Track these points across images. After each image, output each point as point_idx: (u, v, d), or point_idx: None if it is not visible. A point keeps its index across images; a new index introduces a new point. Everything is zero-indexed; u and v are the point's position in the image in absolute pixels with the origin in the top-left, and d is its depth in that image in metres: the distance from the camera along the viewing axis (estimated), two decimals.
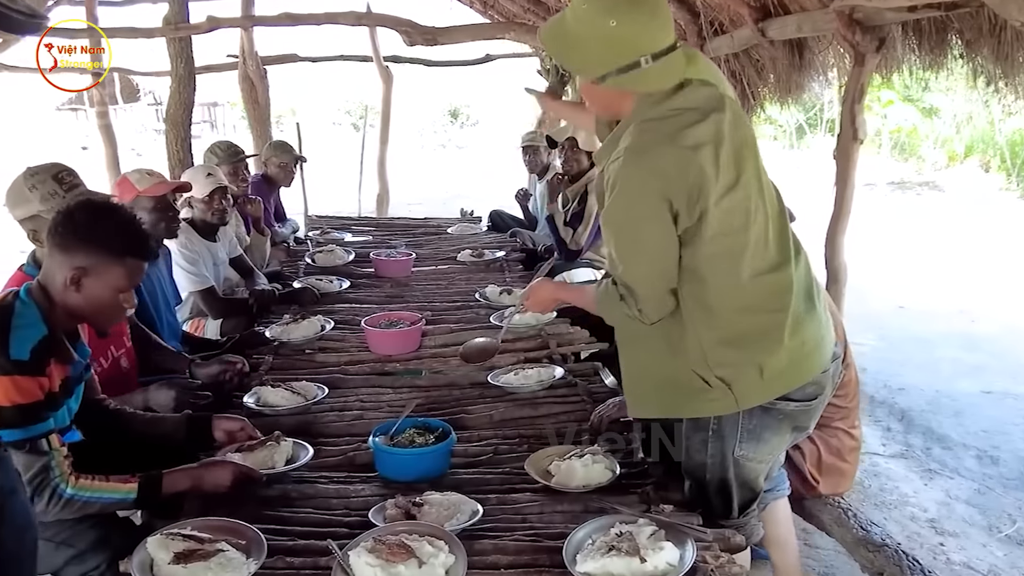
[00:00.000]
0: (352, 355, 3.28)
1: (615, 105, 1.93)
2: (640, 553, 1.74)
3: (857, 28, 3.25)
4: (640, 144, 1.83)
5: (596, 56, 1.82)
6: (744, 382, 1.95)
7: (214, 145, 4.61)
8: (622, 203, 1.86)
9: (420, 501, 2.03)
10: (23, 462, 1.87)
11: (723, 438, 2.03)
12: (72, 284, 1.98)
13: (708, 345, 1.94)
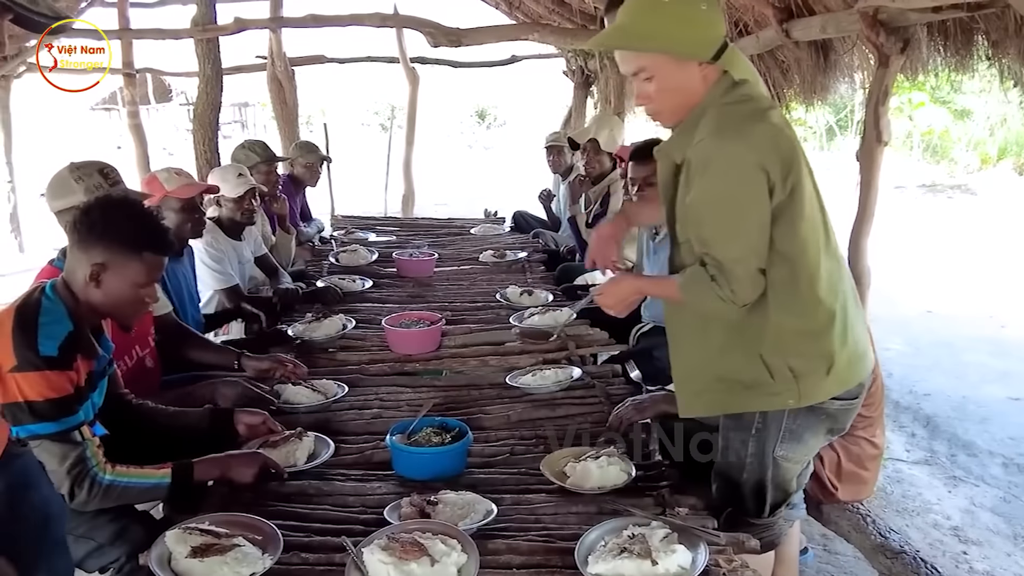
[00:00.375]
0: (373, 354, 3.31)
1: (694, 94, 1.93)
2: (652, 556, 1.74)
3: (881, 29, 3.22)
4: (728, 122, 1.87)
5: (704, 37, 1.88)
6: (812, 377, 1.97)
7: (250, 143, 4.65)
8: (718, 179, 1.86)
9: (435, 500, 2.04)
10: (59, 454, 1.90)
11: (765, 438, 2.04)
12: (92, 280, 2.01)
13: (788, 333, 1.95)
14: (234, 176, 3.78)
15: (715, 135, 1.85)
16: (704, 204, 1.90)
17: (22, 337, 1.88)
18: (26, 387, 1.87)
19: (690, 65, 1.89)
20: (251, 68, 8.75)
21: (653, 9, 1.88)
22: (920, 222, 10.51)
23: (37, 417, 1.88)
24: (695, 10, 1.87)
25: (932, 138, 15.49)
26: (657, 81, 1.92)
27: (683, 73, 1.90)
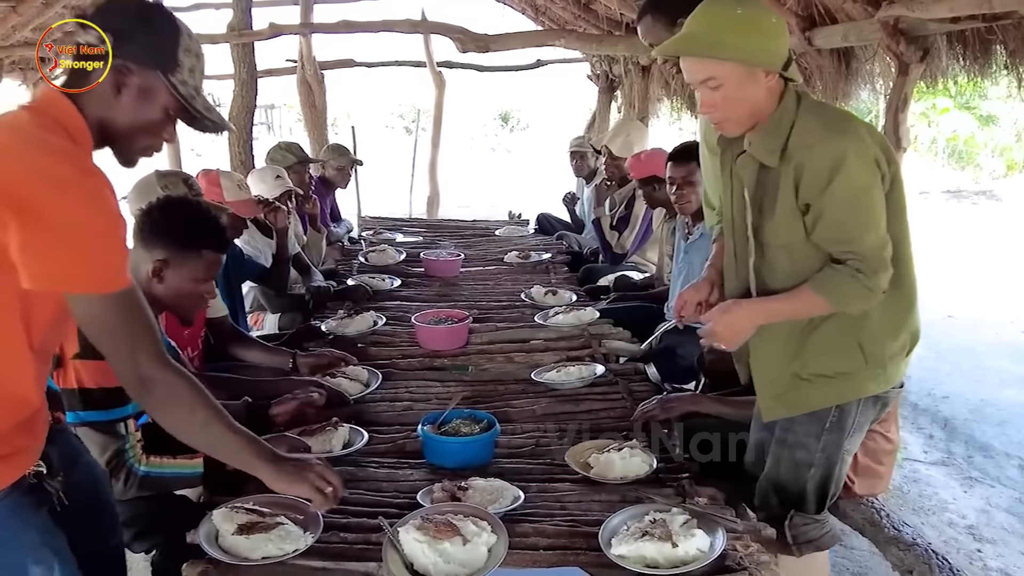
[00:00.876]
0: (402, 349, 3.42)
1: (758, 104, 1.97)
2: (672, 539, 1.83)
3: (902, 38, 3.30)
4: (835, 122, 1.96)
5: (776, 48, 1.93)
6: (898, 358, 2.06)
7: (284, 144, 4.79)
8: (854, 175, 1.88)
9: (465, 486, 2.15)
10: (100, 443, 2.02)
11: (840, 430, 2.08)
12: (155, 276, 2.16)
13: (891, 316, 2.03)
14: (272, 178, 3.91)
15: (835, 134, 1.90)
16: (844, 202, 1.90)
17: None
18: (85, 374, 2.00)
19: (758, 75, 1.93)
20: (281, 71, 8.91)
21: (726, 18, 1.92)
22: (944, 228, 10.49)
23: (89, 405, 2.00)
24: (767, 21, 1.93)
25: (957, 144, 15.42)
26: (725, 89, 1.94)
27: (751, 82, 1.93)
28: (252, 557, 1.83)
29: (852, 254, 1.92)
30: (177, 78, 1.61)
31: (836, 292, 1.95)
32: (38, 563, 1.57)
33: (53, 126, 1.50)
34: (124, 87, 1.58)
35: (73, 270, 1.44)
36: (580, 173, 5.91)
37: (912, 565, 2.35)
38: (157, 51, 1.60)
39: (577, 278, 4.70)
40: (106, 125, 1.59)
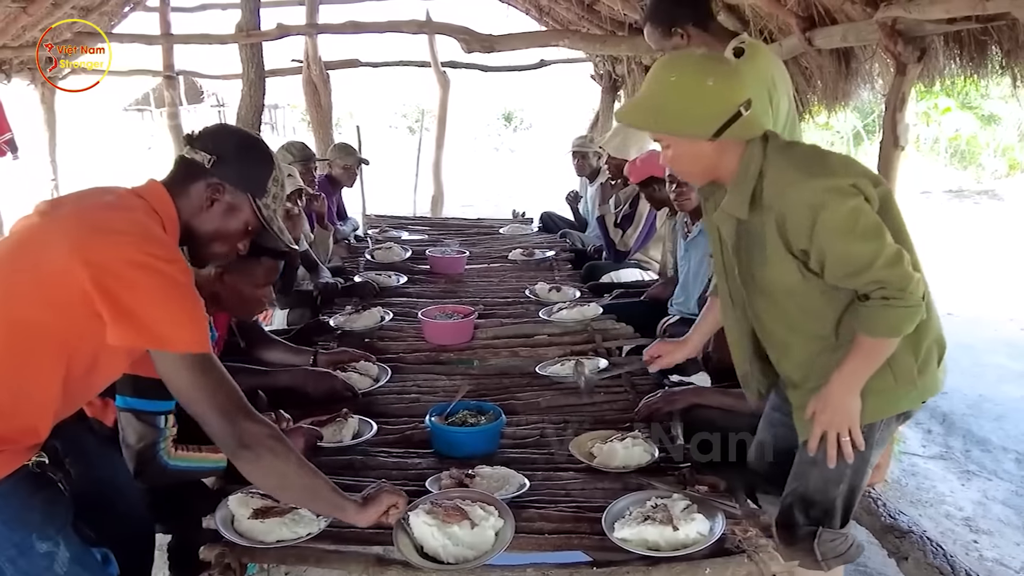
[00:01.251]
0: (409, 344, 3.50)
1: (722, 162, 1.97)
2: (673, 523, 1.90)
3: (899, 39, 3.35)
4: (801, 162, 1.92)
5: (704, 116, 1.90)
6: (930, 369, 2.03)
7: (289, 144, 4.86)
8: (833, 209, 1.83)
9: (472, 473, 2.22)
10: (138, 432, 2.05)
11: (869, 446, 2.05)
12: (217, 279, 2.31)
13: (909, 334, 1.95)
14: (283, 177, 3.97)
15: (805, 175, 1.87)
16: (838, 235, 1.85)
17: None
18: (142, 363, 2.07)
19: (699, 140, 1.93)
20: (287, 71, 8.98)
21: (660, 85, 1.95)
22: (945, 227, 10.52)
23: (138, 393, 2.04)
24: (700, 88, 1.90)
25: (959, 143, 15.45)
26: (673, 150, 1.99)
27: (695, 145, 1.95)
28: (267, 540, 1.90)
29: (873, 283, 1.86)
30: (263, 202, 1.89)
31: (881, 326, 1.89)
32: (43, 539, 1.68)
33: (154, 214, 1.75)
34: (216, 201, 1.84)
35: (157, 328, 1.64)
36: (582, 173, 5.97)
37: (908, 552, 2.43)
38: (251, 178, 1.88)
39: (580, 275, 4.77)
40: (192, 228, 1.85)
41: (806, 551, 2.10)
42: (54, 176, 9.46)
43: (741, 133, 1.92)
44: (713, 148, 1.94)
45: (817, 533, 2.09)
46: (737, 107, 1.89)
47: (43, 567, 1.68)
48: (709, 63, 1.97)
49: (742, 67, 2.08)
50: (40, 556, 1.68)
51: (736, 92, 1.91)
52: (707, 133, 1.91)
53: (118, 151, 24.10)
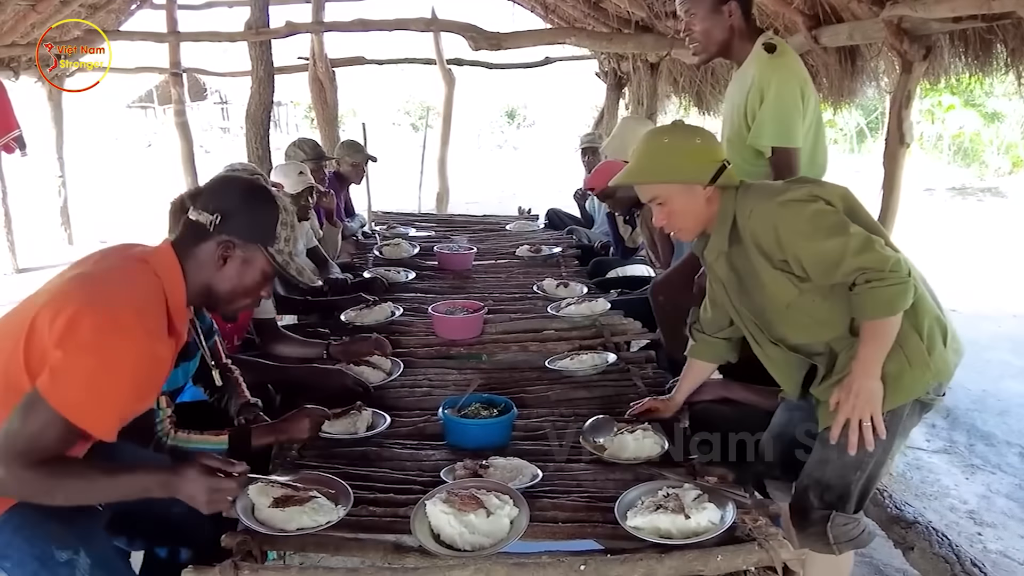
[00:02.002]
0: (420, 339, 3.53)
1: (702, 211, 2.24)
2: (685, 511, 1.94)
3: (905, 37, 3.39)
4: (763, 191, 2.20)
5: (697, 168, 2.20)
6: (937, 353, 2.09)
7: (301, 142, 4.90)
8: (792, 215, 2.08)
9: (486, 464, 2.26)
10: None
11: (892, 434, 2.10)
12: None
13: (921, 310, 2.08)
14: (295, 174, 4.01)
15: (764, 197, 2.15)
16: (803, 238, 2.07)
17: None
18: None
19: (695, 189, 2.20)
20: (293, 69, 9.02)
21: (657, 148, 2.25)
22: (948, 224, 10.56)
23: None
24: (691, 144, 2.22)
25: (963, 141, 15.47)
26: (669, 205, 2.25)
27: (691, 197, 2.21)
28: (287, 528, 1.93)
29: (853, 272, 2.00)
30: (275, 248, 1.91)
31: (875, 307, 2.01)
32: (63, 548, 1.74)
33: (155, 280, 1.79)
34: (229, 259, 1.87)
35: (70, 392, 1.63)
36: (591, 169, 5.99)
37: (913, 542, 2.47)
38: (259, 228, 1.89)
39: (587, 271, 4.80)
40: (211, 289, 1.88)
41: (818, 534, 2.15)
42: (61, 173, 9.51)
43: (727, 181, 2.21)
44: (704, 199, 2.22)
45: (830, 517, 2.14)
46: (721, 162, 2.20)
47: (65, 572, 1.74)
48: (692, 129, 2.33)
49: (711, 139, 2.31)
50: (61, 566, 1.74)
51: (718, 150, 2.26)
52: (705, 177, 2.19)
53: (121, 148, 24.19)
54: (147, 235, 2.29)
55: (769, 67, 2.71)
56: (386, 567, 1.85)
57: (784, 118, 2.68)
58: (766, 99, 2.68)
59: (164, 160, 14.58)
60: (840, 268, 2.01)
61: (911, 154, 4.35)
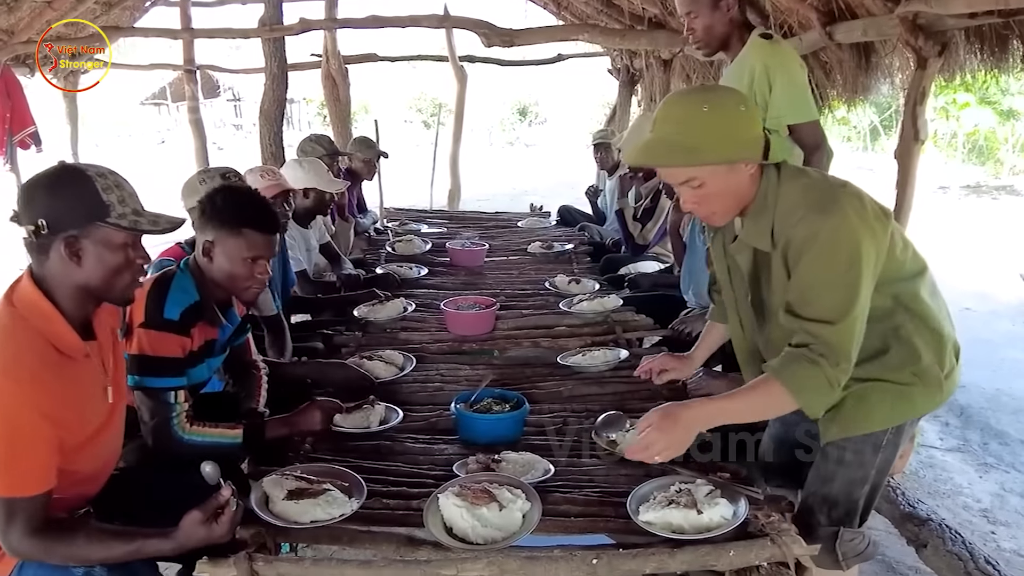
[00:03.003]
0: (432, 334, 3.54)
1: (743, 192, 1.95)
2: (697, 506, 1.94)
3: (920, 33, 3.37)
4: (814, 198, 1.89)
5: (748, 139, 1.88)
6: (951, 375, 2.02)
7: (316, 137, 4.93)
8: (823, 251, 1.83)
9: (498, 459, 2.27)
10: (150, 408, 2.17)
11: (895, 446, 2.06)
12: (205, 255, 2.34)
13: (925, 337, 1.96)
14: (325, 171, 4.07)
15: (817, 213, 1.84)
16: (813, 271, 1.85)
17: (154, 299, 2.21)
18: (146, 342, 2.18)
19: (739, 167, 1.90)
20: (306, 66, 9.04)
21: (695, 119, 1.86)
22: (962, 223, 10.50)
23: (145, 371, 2.17)
24: (735, 113, 1.87)
25: (978, 139, 15.36)
26: (708, 187, 1.91)
27: (734, 176, 1.91)
28: (301, 521, 1.94)
29: (816, 338, 1.83)
30: (114, 216, 1.74)
31: (796, 379, 1.84)
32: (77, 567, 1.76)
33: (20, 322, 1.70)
34: (81, 252, 1.73)
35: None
36: (604, 166, 6.01)
37: (926, 539, 2.46)
38: (84, 208, 1.72)
39: (599, 268, 4.80)
40: (87, 288, 1.76)
41: (827, 552, 2.08)
42: None
43: (775, 156, 1.98)
44: (748, 176, 1.92)
45: (839, 534, 2.09)
46: (760, 131, 1.92)
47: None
48: (729, 92, 1.98)
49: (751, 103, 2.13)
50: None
51: (758, 117, 1.97)
52: (757, 151, 1.90)
53: (135, 144, 24.32)
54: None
55: (771, 53, 2.83)
56: (399, 559, 1.86)
57: (799, 94, 2.82)
58: (777, 82, 2.78)
59: (177, 157, 14.66)
60: (803, 315, 1.86)
61: (925, 152, 4.33)
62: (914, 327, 1.97)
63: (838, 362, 1.82)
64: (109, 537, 1.76)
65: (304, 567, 1.81)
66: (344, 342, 3.40)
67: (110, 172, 1.80)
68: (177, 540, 1.75)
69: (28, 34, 7.01)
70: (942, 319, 2.02)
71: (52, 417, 1.66)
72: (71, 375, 1.74)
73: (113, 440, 1.97)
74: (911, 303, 1.97)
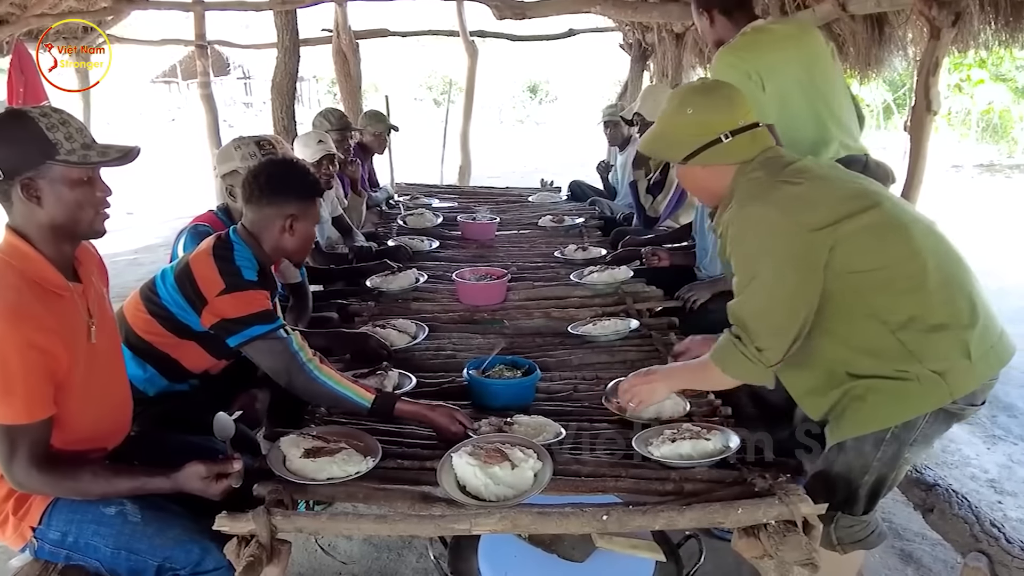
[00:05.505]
0: (443, 305, 3.58)
1: (711, 183, 2.15)
2: (703, 435, 2.12)
3: (934, 3, 3.36)
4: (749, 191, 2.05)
5: (679, 141, 2.12)
6: (958, 367, 1.92)
7: (327, 111, 4.94)
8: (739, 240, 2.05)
9: (511, 421, 2.31)
10: (270, 349, 2.25)
11: (900, 441, 1.99)
12: (288, 229, 2.42)
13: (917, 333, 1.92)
14: (315, 143, 4.06)
15: (741, 204, 2.03)
16: (735, 264, 2.07)
17: (227, 267, 2.29)
18: (237, 304, 2.26)
19: (709, 167, 2.11)
20: (317, 41, 9.03)
21: (678, 122, 2.13)
22: (975, 200, 10.44)
23: (247, 325, 2.25)
24: (681, 117, 2.11)
25: (992, 117, 15.22)
26: (682, 178, 2.24)
27: (685, 169, 2.16)
28: (318, 478, 1.99)
29: (732, 316, 2.04)
30: (63, 153, 1.75)
31: (721, 357, 2.06)
32: (108, 504, 1.89)
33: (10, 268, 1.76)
34: (40, 193, 1.76)
35: None
36: (615, 142, 6.00)
37: (933, 503, 2.49)
38: (32, 151, 1.74)
39: (609, 242, 4.81)
40: (55, 228, 1.79)
41: (822, 533, 2.02)
42: None
43: (717, 159, 2.08)
44: (704, 172, 2.13)
45: (834, 518, 2.07)
46: (717, 134, 2.06)
47: (119, 523, 1.89)
48: (695, 94, 2.14)
49: (736, 96, 2.14)
50: (112, 517, 1.89)
51: (717, 121, 2.07)
52: (678, 158, 2.12)
53: (146, 122, 24.37)
54: (173, 207, 2.34)
55: (713, 65, 3.02)
56: (413, 515, 1.90)
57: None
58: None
59: (188, 134, 14.67)
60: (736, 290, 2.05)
61: (938, 130, 4.30)
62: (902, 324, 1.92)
63: (753, 339, 1.98)
64: (113, 474, 1.86)
65: (321, 520, 1.86)
66: (358, 311, 3.44)
67: (54, 110, 1.80)
68: (176, 482, 1.85)
69: (41, 8, 7.03)
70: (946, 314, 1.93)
71: (39, 346, 1.71)
72: (55, 308, 1.80)
73: (111, 386, 2.02)
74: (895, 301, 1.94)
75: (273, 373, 2.28)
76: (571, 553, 2.11)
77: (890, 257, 1.93)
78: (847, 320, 1.97)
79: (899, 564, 2.96)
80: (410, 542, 3.01)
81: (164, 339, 2.39)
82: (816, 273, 1.92)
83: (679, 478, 2.06)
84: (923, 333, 1.91)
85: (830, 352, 2.03)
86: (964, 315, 1.93)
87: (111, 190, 1.88)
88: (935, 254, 1.98)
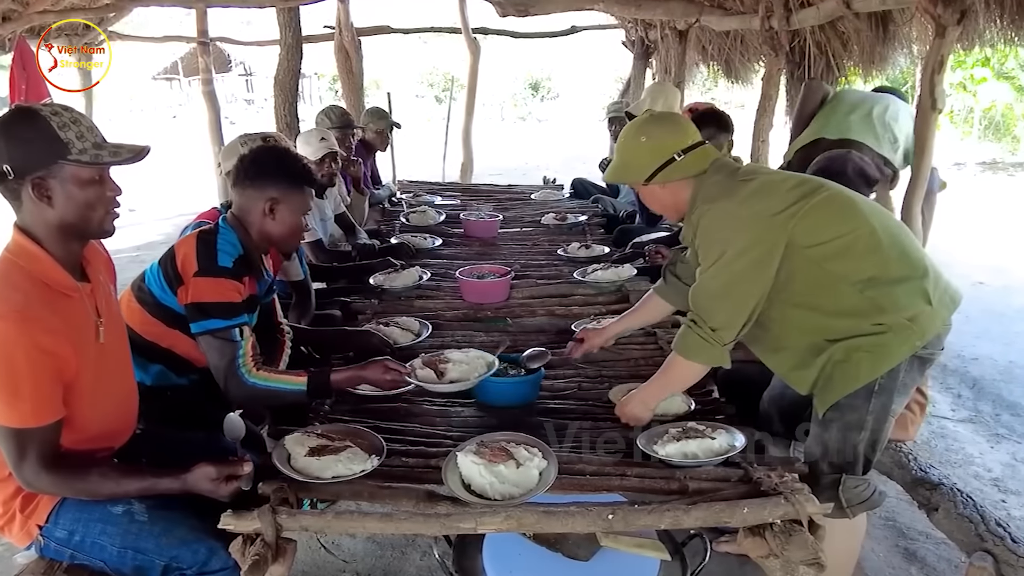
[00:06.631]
0: (447, 302, 3.57)
1: (672, 199, 2.34)
2: (708, 434, 2.14)
3: (939, 1, 3.35)
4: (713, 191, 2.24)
5: (639, 165, 2.32)
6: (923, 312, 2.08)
7: (328, 109, 4.93)
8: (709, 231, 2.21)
9: (445, 358, 2.48)
10: (218, 349, 2.24)
11: (889, 391, 2.12)
12: (269, 213, 2.41)
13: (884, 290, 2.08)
14: (317, 140, 4.04)
15: (707, 202, 2.22)
16: (701, 256, 2.23)
17: (204, 250, 2.30)
18: (205, 289, 2.26)
19: (665, 186, 2.30)
20: (319, 38, 9.02)
21: (633, 148, 2.34)
22: (977, 198, 10.43)
23: (207, 315, 2.25)
24: (636, 144, 2.32)
25: (994, 114, 15.19)
26: (643, 197, 2.43)
27: (659, 191, 2.33)
28: (323, 476, 1.99)
29: (691, 303, 2.21)
30: (75, 152, 1.74)
31: (681, 344, 2.23)
32: (115, 504, 1.89)
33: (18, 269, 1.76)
34: (50, 193, 1.75)
35: None
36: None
37: (938, 503, 2.48)
38: (43, 150, 1.73)
39: (612, 239, 4.80)
40: (65, 227, 1.79)
41: (831, 499, 2.11)
42: None
43: (674, 175, 2.28)
44: (663, 191, 2.32)
45: (841, 480, 2.17)
46: (671, 154, 2.27)
47: (126, 522, 1.88)
48: (647, 124, 2.34)
49: (682, 121, 2.40)
50: (119, 517, 1.88)
51: (670, 143, 2.29)
52: (640, 179, 2.32)
53: (147, 119, 24.36)
54: (175, 204, 2.34)
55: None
56: (419, 513, 1.90)
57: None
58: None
59: (189, 131, 14.67)
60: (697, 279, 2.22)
61: (940, 128, 4.30)
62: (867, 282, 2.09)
63: (707, 320, 2.15)
64: (122, 474, 1.85)
65: (326, 519, 1.85)
66: (361, 308, 3.44)
67: (65, 109, 1.79)
68: (185, 483, 1.84)
69: (43, 4, 7.02)
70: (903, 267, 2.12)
71: (46, 349, 1.70)
72: (63, 309, 1.79)
73: (119, 385, 2.02)
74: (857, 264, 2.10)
75: (214, 372, 2.27)
76: (576, 552, 2.11)
77: (845, 226, 2.11)
78: (817, 290, 2.12)
79: (903, 563, 2.96)
80: (414, 540, 3.01)
81: (152, 328, 2.39)
82: (772, 261, 2.10)
83: (684, 477, 2.06)
84: (888, 287, 2.08)
85: (808, 323, 2.17)
86: (918, 267, 2.13)
87: (121, 189, 1.87)
88: (879, 218, 2.18)
